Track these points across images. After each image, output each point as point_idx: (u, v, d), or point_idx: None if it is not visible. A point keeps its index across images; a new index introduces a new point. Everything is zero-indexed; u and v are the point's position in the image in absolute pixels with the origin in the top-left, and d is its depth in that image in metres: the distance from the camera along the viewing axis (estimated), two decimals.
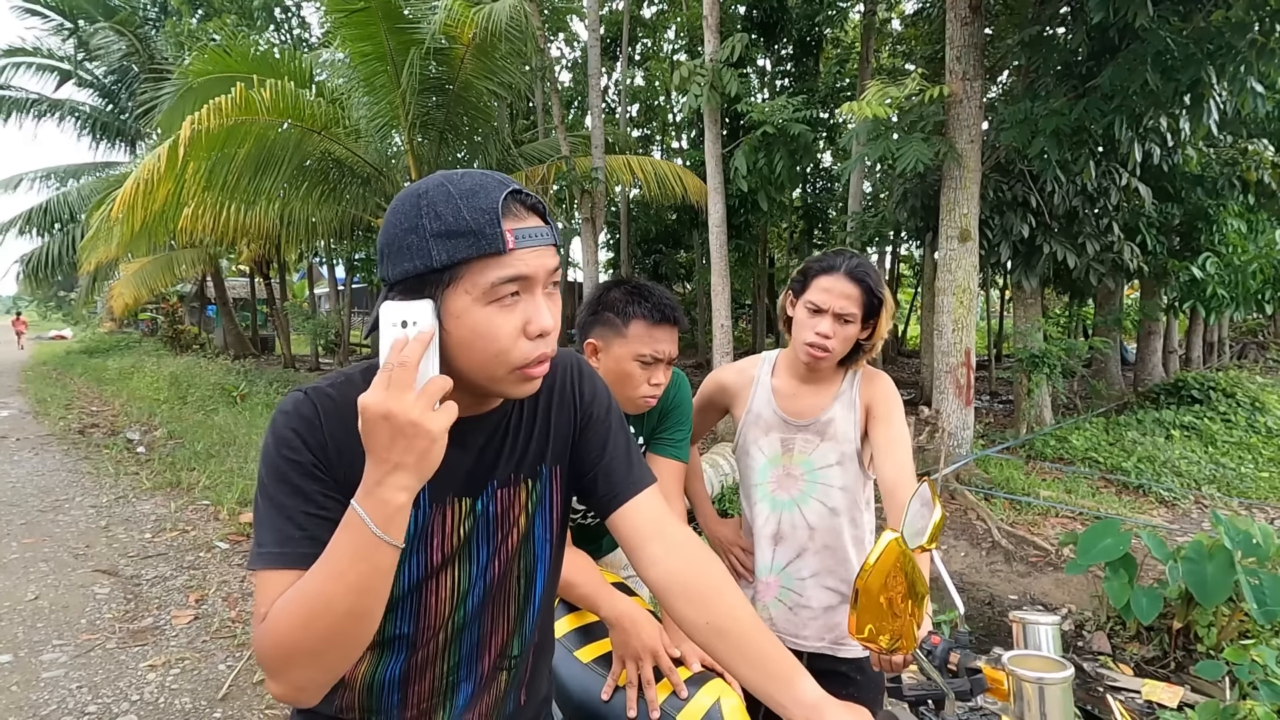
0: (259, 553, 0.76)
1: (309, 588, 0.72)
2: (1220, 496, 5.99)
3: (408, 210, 0.76)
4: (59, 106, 15.89)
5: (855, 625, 0.96)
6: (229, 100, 6.82)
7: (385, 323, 0.73)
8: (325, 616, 0.71)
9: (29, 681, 3.01)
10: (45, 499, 5.66)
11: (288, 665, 0.72)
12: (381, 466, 0.70)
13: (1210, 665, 2.84)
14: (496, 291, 0.74)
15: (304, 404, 0.80)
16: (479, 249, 0.73)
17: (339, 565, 0.71)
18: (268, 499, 0.78)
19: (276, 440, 0.79)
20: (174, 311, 19.34)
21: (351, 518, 0.71)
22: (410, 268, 0.74)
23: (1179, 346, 12.53)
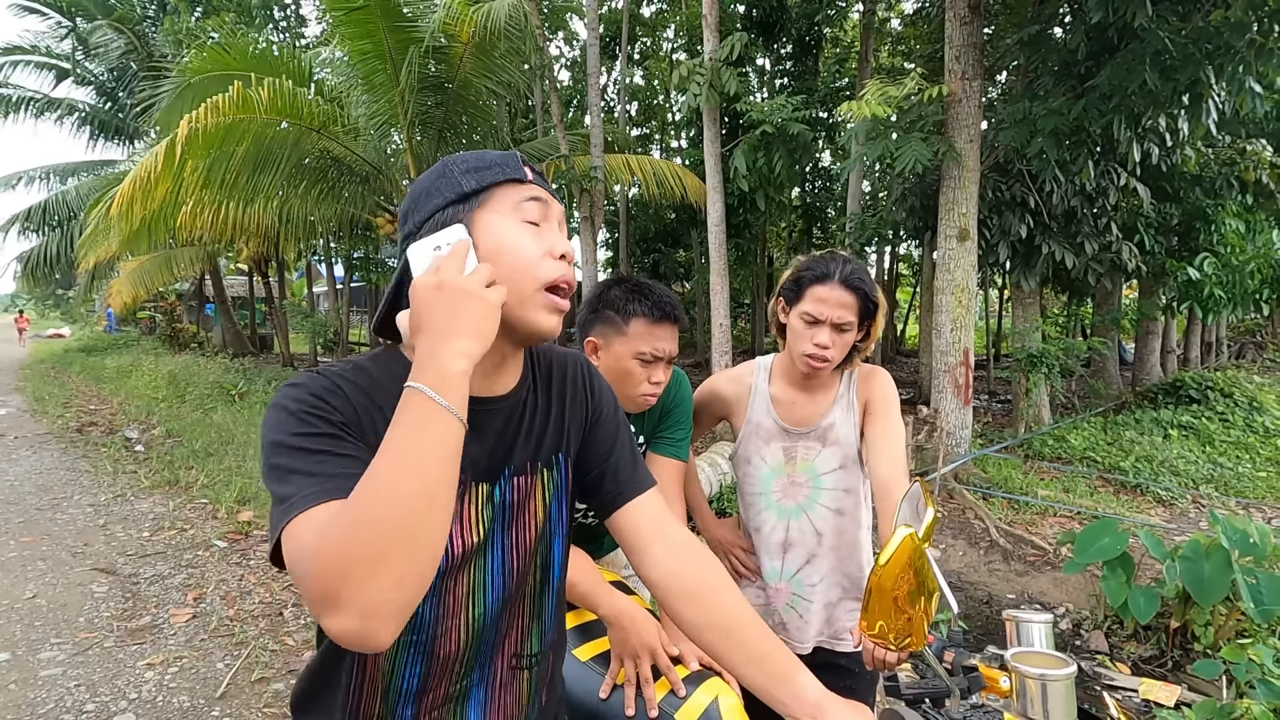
0: (290, 502, 0.68)
1: (369, 481, 0.65)
2: (1218, 496, 6.01)
3: (434, 170, 0.85)
4: (57, 104, 15.87)
5: (867, 623, 0.96)
6: (227, 98, 6.81)
7: (418, 255, 0.78)
8: (393, 501, 0.63)
9: (27, 680, 3.01)
10: (43, 497, 5.65)
11: (357, 576, 0.61)
12: (434, 336, 0.71)
13: (1207, 664, 2.85)
14: (522, 209, 0.82)
15: (319, 379, 0.78)
16: (505, 174, 0.83)
17: (399, 447, 0.65)
18: (292, 451, 0.72)
19: (298, 404, 0.74)
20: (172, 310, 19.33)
21: (409, 397, 0.68)
22: (439, 202, 0.82)
23: (1177, 346, 12.55)
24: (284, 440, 0.73)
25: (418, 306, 0.73)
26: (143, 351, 16.86)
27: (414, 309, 0.73)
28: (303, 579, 0.63)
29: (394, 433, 0.67)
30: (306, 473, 0.70)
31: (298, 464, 0.71)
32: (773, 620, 1.65)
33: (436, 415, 0.67)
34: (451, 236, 0.79)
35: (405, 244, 0.82)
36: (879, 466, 1.47)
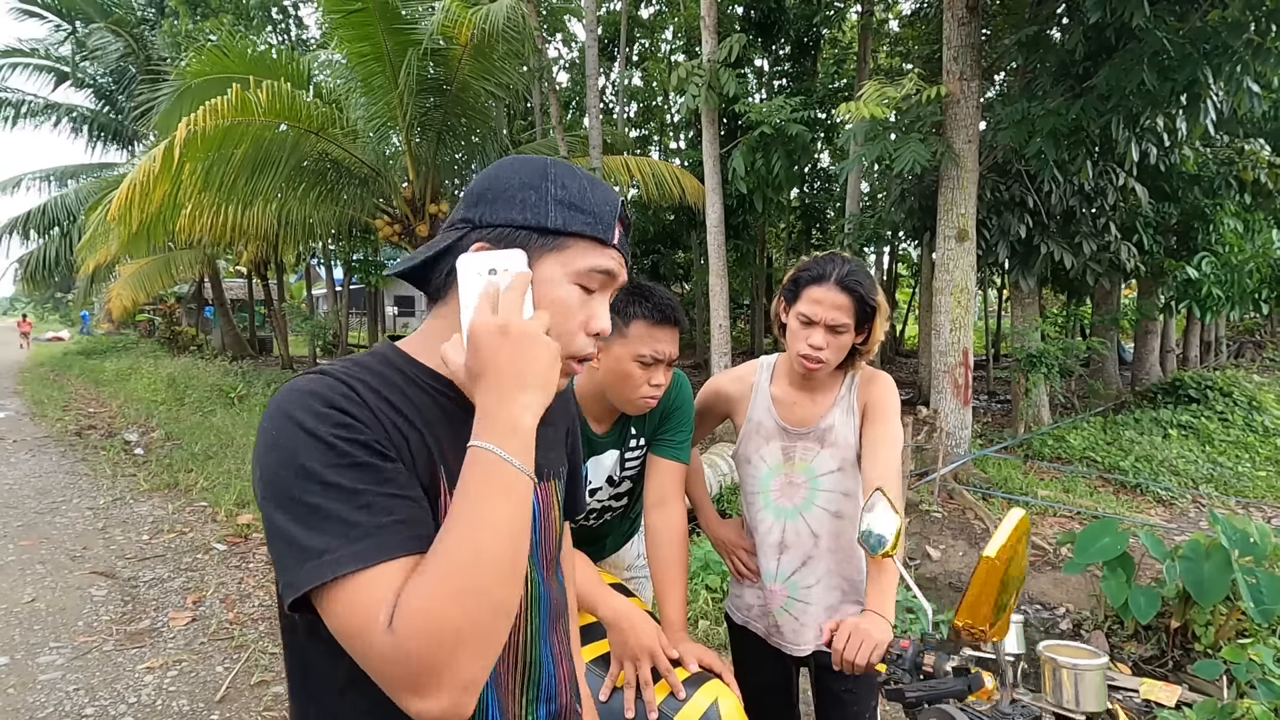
0: (336, 556, 0.60)
1: (457, 548, 0.61)
2: (1217, 495, 6.01)
3: (530, 170, 0.76)
4: (56, 108, 15.87)
5: (962, 612, 0.98)
6: (226, 101, 6.81)
7: (469, 272, 0.70)
8: (487, 573, 0.60)
9: (26, 684, 3.00)
10: (42, 501, 5.64)
11: (454, 657, 0.58)
12: (501, 389, 0.66)
13: (1208, 664, 2.84)
14: (587, 277, 0.76)
15: (330, 383, 0.68)
16: (593, 230, 0.75)
17: (478, 512, 0.62)
18: (327, 489, 0.62)
19: (322, 421, 0.64)
20: (171, 313, 19.32)
21: (481, 459, 0.64)
22: (519, 218, 0.73)
23: (1176, 346, 12.56)
24: (314, 471, 0.62)
25: (481, 351, 0.66)
26: (142, 354, 16.86)
27: (476, 353, 0.67)
28: (384, 653, 0.58)
29: (477, 496, 0.63)
30: (348, 521, 0.61)
31: (336, 506, 0.61)
32: (768, 622, 1.64)
33: (516, 480, 0.64)
34: (512, 263, 0.70)
35: (462, 225, 0.75)
36: (869, 471, 1.47)
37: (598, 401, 1.52)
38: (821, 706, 1.63)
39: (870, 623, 1.23)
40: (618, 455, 1.61)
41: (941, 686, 1.11)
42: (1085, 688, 0.94)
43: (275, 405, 0.67)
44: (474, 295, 0.69)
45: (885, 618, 1.26)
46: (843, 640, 1.21)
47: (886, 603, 1.30)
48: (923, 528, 5.44)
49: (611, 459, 1.61)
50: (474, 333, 0.67)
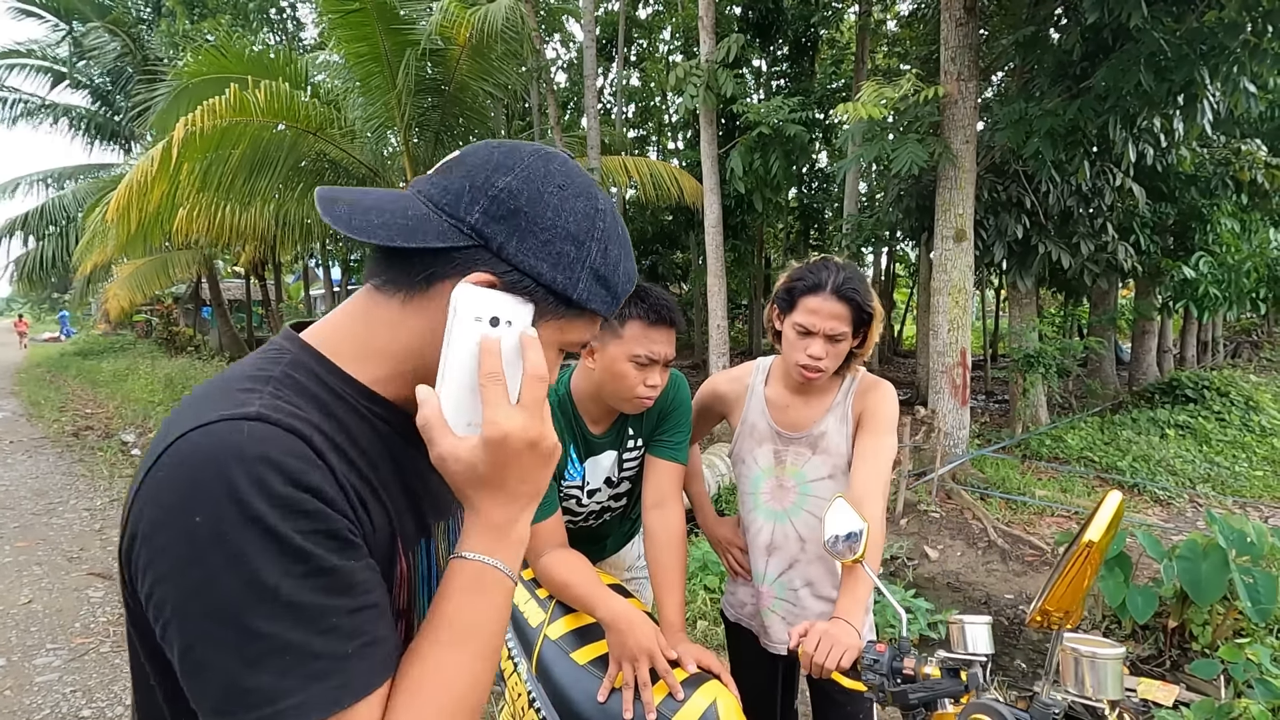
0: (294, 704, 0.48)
1: (450, 678, 0.55)
2: (1215, 495, 6.02)
3: (582, 213, 0.62)
4: (53, 108, 15.84)
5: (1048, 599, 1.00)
6: (223, 101, 6.80)
7: (467, 312, 0.57)
8: (483, 682, 0.57)
9: (22, 686, 3.00)
10: (39, 502, 5.63)
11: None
12: (517, 504, 0.59)
13: (1205, 664, 2.85)
14: (570, 346, 0.67)
15: (283, 439, 0.52)
16: (607, 310, 0.66)
17: (484, 635, 0.57)
18: (283, 611, 0.48)
19: (275, 509, 0.48)
20: (169, 313, 19.28)
21: (481, 575, 0.57)
22: (547, 275, 0.60)
23: (1173, 346, 12.59)
24: (272, 587, 0.48)
25: (504, 465, 0.56)
26: (139, 355, 16.82)
27: (495, 464, 0.56)
28: None
29: (477, 616, 0.57)
30: (310, 653, 0.49)
31: (295, 635, 0.48)
32: (757, 623, 1.65)
33: (511, 593, 0.59)
34: (518, 315, 0.59)
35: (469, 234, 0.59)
36: (852, 482, 1.46)
37: (595, 402, 1.52)
38: (818, 705, 1.63)
39: (839, 628, 1.23)
40: (615, 456, 1.61)
41: (940, 687, 1.12)
42: (1105, 676, 0.96)
43: (204, 476, 0.48)
44: (469, 351, 0.57)
45: (853, 625, 1.26)
46: (812, 644, 1.21)
47: (856, 609, 1.30)
48: (921, 527, 5.45)
49: (609, 459, 1.61)
50: (504, 441, 0.55)
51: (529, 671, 1.44)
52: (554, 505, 1.49)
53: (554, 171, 0.62)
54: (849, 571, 1.34)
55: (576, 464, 1.57)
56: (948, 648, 1.16)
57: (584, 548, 1.55)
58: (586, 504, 1.64)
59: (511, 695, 1.49)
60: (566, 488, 1.58)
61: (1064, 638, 1.01)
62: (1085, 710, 0.97)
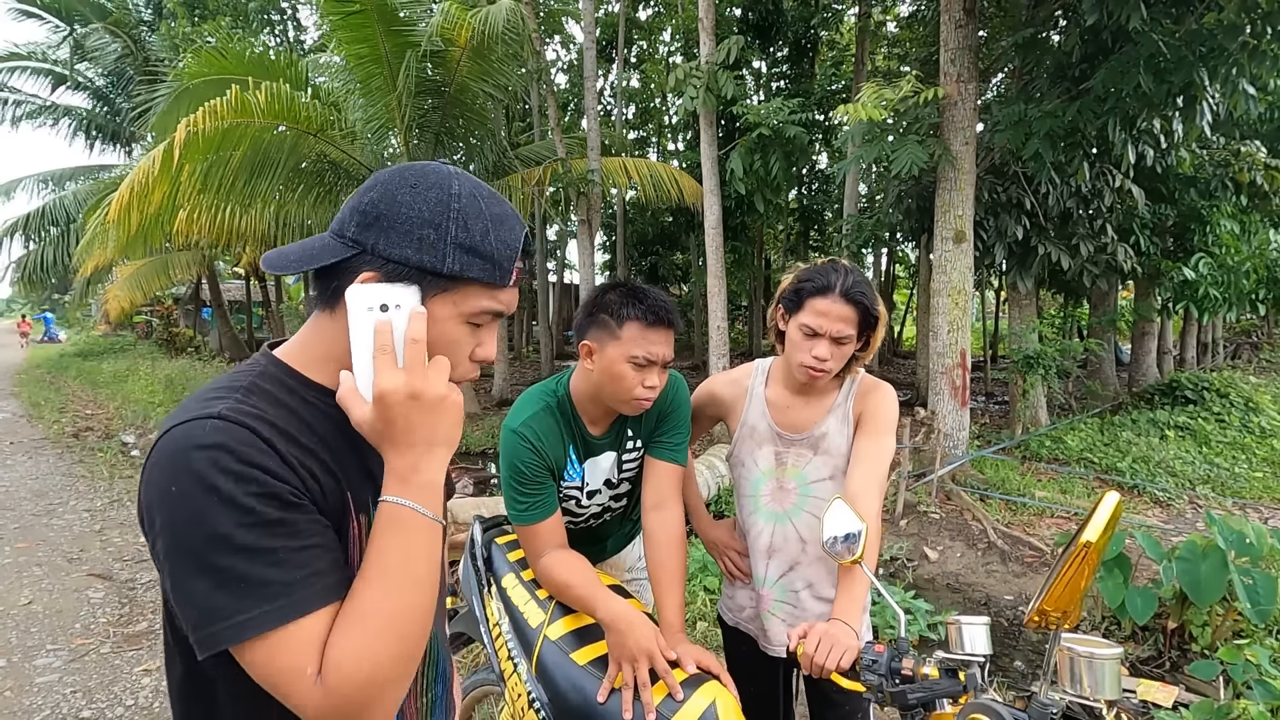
0: (253, 618, 0.62)
1: (382, 601, 0.65)
2: (1214, 496, 6.02)
3: (434, 201, 0.72)
4: (54, 109, 15.85)
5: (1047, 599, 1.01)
6: (224, 103, 6.81)
7: (359, 306, 0.69)
8: (414, 620, 0.66)
9: (22, 687, 3.00)
10: (39, 503, 5.63)
11: (382, 695, 0.65)
12: (414, 450, 0.68)
13: (1205, 665, 2.85)
14: (477, 317, 0.76)
15: (236, 433, 0.66)
16: (489, 276, 0.74)
17: (402, 567, 0.66)
18: (237, 551, 0.62)
19: (227, 479, 0.63)
20: (169, 314, 19.29)
21: (399, 515, 0.67)
22: (414, 258, 0.71)
23: (1173, 347, 12.59)
24: (226, 535, 0.62)
25: (394, 419, 0.67)
26: (139, 356, 16.83)
27: (387, 419, 0.67)
28: (317, 702, 0.62)
29: (398, 551, 0.67)
30: (264, 580, 0.63)
31: (249, 568, 0.62)
32: (756, 626, 1.65)
33: (430, 529, 0.68)
34: (405, 300, 0.69)
35: (353, 245, 0.72)
36: (849, 483, 1.46)
37: (594, 403, 1.53)
38: (815, 706, 1.63)
39: (837, 629, 1.23)
40: (615, 457, 1.61)
41: (939, 688, 1.12)
42: (1103, 677, 0.97)
43: (178, 460, 0.64)
44: (366, 334, 0.68)
45: (851, 626, 1.26)
46: (812, 645, 1.21)
47: (854, 610, 1.31)
48: (920, 529, 5.45)
49: (609, 461, 1.61)
50: (383, 398, 0.66)
51: (529, 672, 1.44)
52: (553, 506, 1.49)
53: (407, 176, 0.74)
54: (846, 572, 1.35)
55: (575, 465, 1.57)
56: (946, 649, 1.16)
57: (584, 549, 1.56)
58: (586, 505, 1.64)
59: (511, 695, 1.50)
60: (566, 489, 1.59)
61: (1062, 638, 1.02)
62: (1083, 710, 0.98)
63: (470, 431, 9.15)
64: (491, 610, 1.63)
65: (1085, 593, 1.01)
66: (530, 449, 1.46)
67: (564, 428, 1.54)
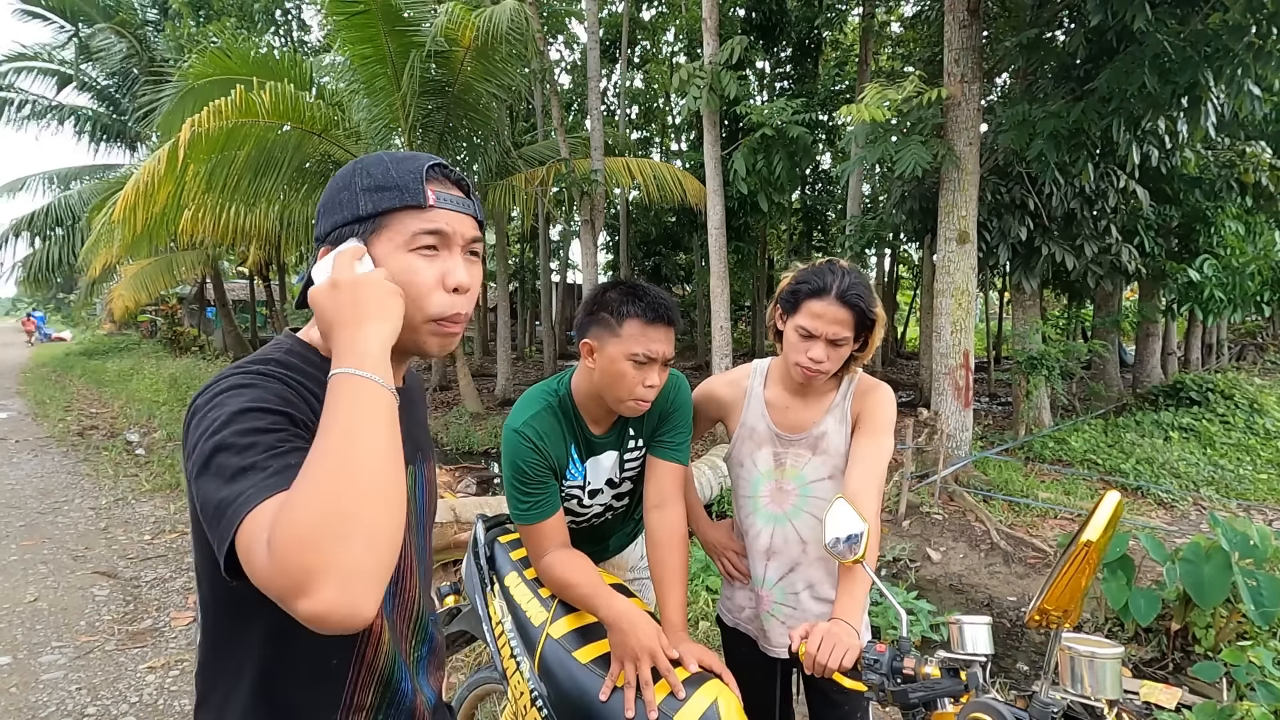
0: (244, 498, 0.65)
1: (319, 459, 0.65)
2: (1218, 498, 6.00)
3: (344, 174, 0.85)
4: (59, 109, 15.91)
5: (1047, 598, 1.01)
6: (229, 102, 6.83)
7: (320, 276, 0.81)
8: (353, 474, 0.64)
9: (28, 683, 3.01)
10: (44, 501, 5.66)
11: (330, 552, 0.60)
12: (347, 330, 0.74)
13: (1208, 666, 2.84)
14: (416, 241, 0.82)
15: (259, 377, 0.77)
16: (402, 200, 0.82)
17: (343, 423, 0.67)
18: (243, 450, 0.69)
19: (243, 400, 0.73)
20: (173, 313, 19.35)
21: (336, 381, 0.70)
22: (340, 219, 0.83)
23: (1177, 348, 12.55)
24: (237, 440, 0.69)
25: (320, 311, 0.77)
26: (144, 355, 16.89)
27: (318, 316, 0.77)
28: (267, 566, 0.61)
29: (332, 411, 0.68)
30: (262, 467, 0.68)
31: (253, 459, 0.68)
32: (756, 627, 1.65)
33: (367, 387, 0.70)
34: (346, 247, 0.82)
35: (320, 242, 0.85)
36: (847, 483, 1.46)
37: (596, 402, 1.53)
38: (815, 706, 1.64)
39: (839, 628, 1.24)
40: (617, 456, 1.62)
41: (940, 687, 1.13)
42: (1104, 676, 0.97)
43: (206, 393, 0.76)
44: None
45: (853, 625, 1.27)
46: (814, 645, 1.22)
47: (855, 610, 1.31)
48: (923, 529, 5.45)
49: (611, 460, 1.61)
50: (313, 301, 0.78)
51: (532, 670, 1.45)
52: (555, 505, 1.49)
53: (337, 174, 0.87)
54: (847, 572, 1.35)
55: (578, 464, 1.57)
56: (949, 649, 1.16)
57: (587, 548, 1.56)
58: (589, 504, 1.65)
59: (514, 694, 1.50)
60: (568, 488, 1.59)
61: (1062, 637, 1.02)
62: (1084, 710, 0.98)
63: (473, 431, 9.17)
64: (494, 609, 1.64)
65: (1086, 592, 1.01)
66: (532, 448, 1.46)
67: (565, 427, 1.54)
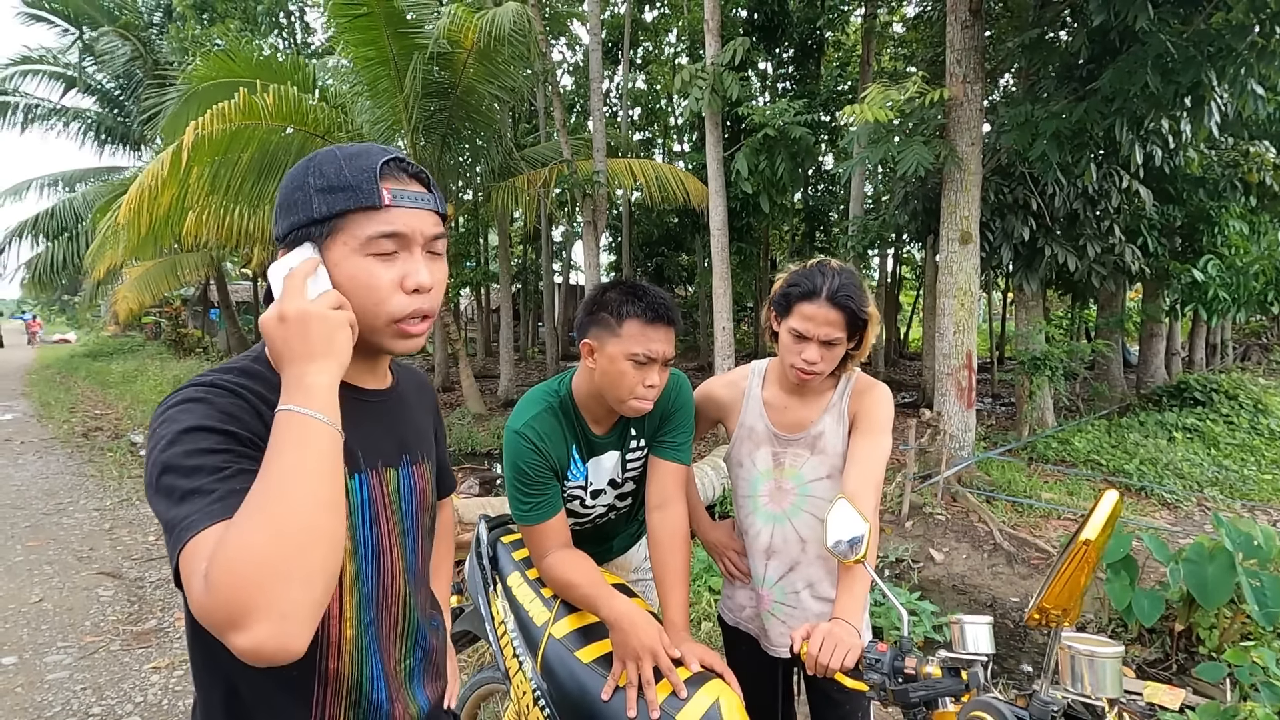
0: (189, 521, 0.66)
1: (259, 497, 0.66)
2: (1223, 498, 5.98)
3: (298, 172, 0.83)
4: (64, 112, 15.98)
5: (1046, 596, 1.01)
6: (233, 105, 6.86)
7: (275, 280, 0.79)
8: (294, 513, 0.65)
9: (33, 683, 3.03)
10: (49, 502, 5.68)
11: (263, 591, 0.61)
12: (295, 366, 0.73)
13: (1212, 667, 2.83)
14: (373, 245, 0.80)
15: (209, 390, 0.77)
16: (356, 202, 0.80)
17: (285, 460, 0.67)
18: (189, 472, 0.69)
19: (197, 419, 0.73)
20: (177, 315, 19.40)
21: (281, 419, 0.70)
22: (295, 221, 0.81)
23: (1181, 349, 12.51)
24: (183, 461, 0.70)
25: (270, 342, 0.76)
26: (148, 356, 16.95)
27: (268, 344, 0.76)
28: (203, 597, 0.62)
29: (276, 449, 0.69)
30: (206, 491, 0.68)
31: (198, 483, 0.69)
32: (756, 626, 1.65)
33: (312, 427, 0.70)
34: (298, 259, 0.79)
35: (279, 243, 0.84)
36: (845, 482, 1.47)
37: (597, 402, 1.53)
38: (816, 706, 1.64)
39: (840, 628, 1.24)
40: (619, 456, 1.62)
41: (941, 686, 1.13)
42: (1104, 675, 0.97)
43: (161, 412, 0.76)
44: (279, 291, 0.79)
45: (853, 625, 1.27)
46: (816, 645, 1.22)
47: (855, 609, 1.31)
48: (926, 530, 5.44)
49: (613, 460, 1.62)
50: (262, 327, 0.76)
51: (534, 670, 1.45)
52: (557, 506, 1.50)
53: (291, 171, 0.85)
54: (847, 571, 1.35)
55: (579, 465, 1.58)
56: (950, 648, 1.17)
57: (590, 548, 1.56)
58: (591, 505, 1.65)
59: (516, 693, 1.51)
60: (570, 489, 1.59)
61: (1062, 636, 1.02)
62: (1084, 709, 0.98)
63: (475, 432, 9.18)
64: (497, 609, 1.65)
65: (1085, 591, 1.01)
66: (533, 449, 1.47)
67: (566, 427, 1.55)
